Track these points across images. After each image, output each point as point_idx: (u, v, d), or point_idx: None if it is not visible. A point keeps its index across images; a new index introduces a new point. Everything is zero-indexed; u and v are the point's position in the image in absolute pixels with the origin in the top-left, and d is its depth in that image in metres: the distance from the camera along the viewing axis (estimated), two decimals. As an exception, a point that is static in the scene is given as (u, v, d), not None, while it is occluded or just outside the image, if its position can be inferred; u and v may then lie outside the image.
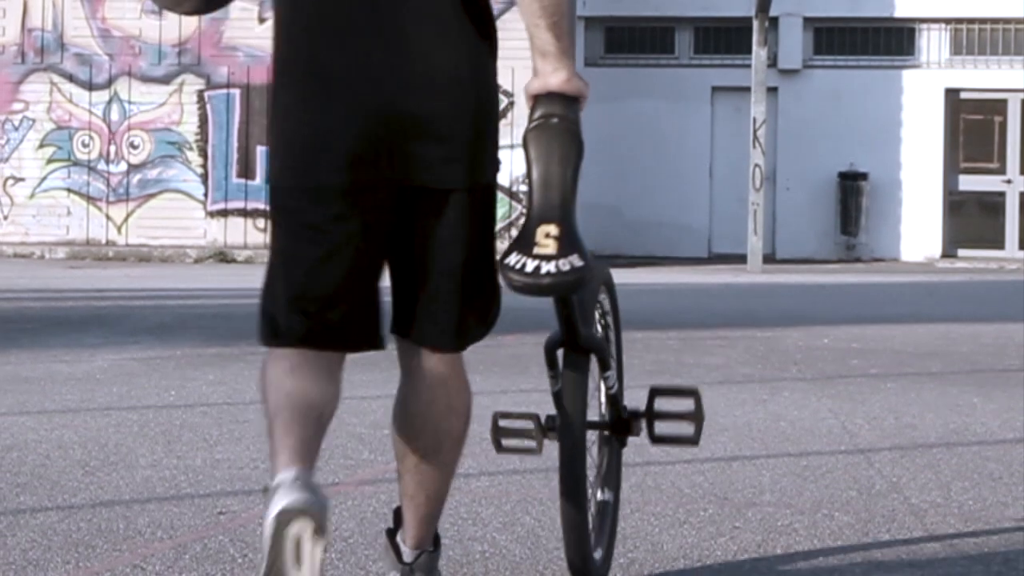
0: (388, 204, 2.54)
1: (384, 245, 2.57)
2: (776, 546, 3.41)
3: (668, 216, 19.83)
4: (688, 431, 3.08)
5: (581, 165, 2.57)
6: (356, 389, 6.02)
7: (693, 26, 20.28)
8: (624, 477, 3.54)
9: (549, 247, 2.51)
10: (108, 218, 18.31)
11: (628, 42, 20.21)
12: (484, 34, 2.55)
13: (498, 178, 2.66)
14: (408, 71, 2.50)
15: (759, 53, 17.33)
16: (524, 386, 6.05)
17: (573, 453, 2.82)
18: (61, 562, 3.19)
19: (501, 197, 17.64)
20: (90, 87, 18.32)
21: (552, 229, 2.52)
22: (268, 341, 2.54)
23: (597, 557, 2.93)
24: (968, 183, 20.39)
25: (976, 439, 5.03)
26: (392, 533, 2.76)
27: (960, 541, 3.48)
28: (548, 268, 2.51)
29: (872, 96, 20.18)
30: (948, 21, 20.31)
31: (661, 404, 3.09)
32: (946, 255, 20.00)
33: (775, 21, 19.31)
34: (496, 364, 6.80)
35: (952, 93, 20.35)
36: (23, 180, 18.46)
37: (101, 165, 18.36)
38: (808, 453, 4.68)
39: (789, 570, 3.23)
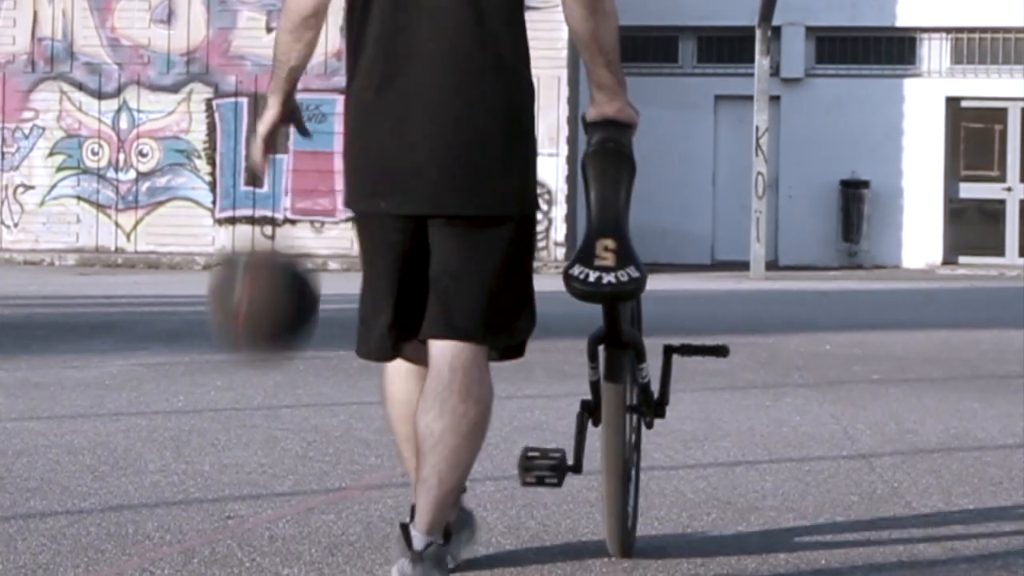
0: (423, 230, 2.86)
1: (421, 263, 2.88)
2: (779, 550, 3.43)
3: (671, 223, 19.86)
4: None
5: (633, 184, 2.90)
6: (363, 395, 6.04)
7: (696, 35, 20.23)
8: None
9: (608, 259, 2.88)
10: (117, 225, 18.32)
11: (632, 51, 20.23)
12: (522, 78, 2.86)
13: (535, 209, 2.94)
14: (452, 114, 2.81)
15: (762, 62, 17.36)
16: (529, 391, 6.09)
17: (616, 436, 3.14)
18: (71, 566, 3.20)
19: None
20: (99, 96, 18.32)
21: (610, 243, 2.89)
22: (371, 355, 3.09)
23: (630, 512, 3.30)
24: (969, 191, 20.38)
25: (976, 444, 5.05)
26: (406, 526, 2.88)
27: (960, 545, 3.50)
28: (609, 279, 2.88)
29: (873, 105, 20.16)
30: (949, 30, 20.29)
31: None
32: (947, 262, 19.98)
33: (777, 30, 19.26)
34: (502, 370, 6.75)
35: (953, 102, 20.33)
36: (33, 188, 18.46)
37: (110, 173, 18.36)
38: (810, 458, 4.70)
39: (792, 574, 3.26)
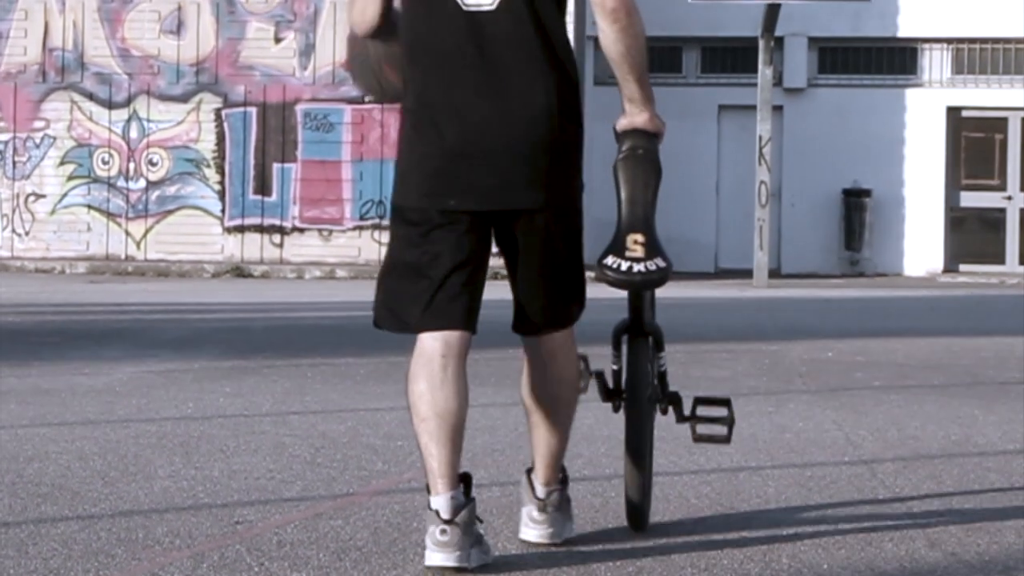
0: (480, 223, 3.22)
1: (479, 254, 3.25)
2: (781, 555, 3.45)
3: (675, 231, 19.84)
4: (722, 432, 3.71)
5: (659, 186, 3.34)
6: (370, 402, 6.10)
7: (700, 46, 20.23)
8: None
9: (638, 251, 3.26)
10: (127, 234, 18.36)
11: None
12: (568, 80, 3.21)
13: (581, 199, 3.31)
14: (501, 113, 3.15)
15: (765, 72, 17.37)
16: None
17: (640, 418, 3.51)
18: (81, 571, 3.22)
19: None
20: (110, 105, 18.36)
21: (639, 237, 3.27)
22: (405, 329, 3.33)
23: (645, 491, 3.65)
24: (969, 199, 20.40)
25: (977, 450, 5.08)
26: (529, 472, 3.49)
27: (961, 550, 3.51)
28: (639, 268, 3.26)
29: (875, 114, 20.18)
30: (950, 41, 20.33)
31: (701, 411, 3.72)
32: (948, 270, 20.00)
33: (780, 41, 19.29)
34: (508, 377, 6.65)
35: (954, 111, 20.36)
36: (44, 197, 18.52)
37: (120, 182, 18.41)
38: (813, 464, 4.73)
39: (794, 578, 3.30)
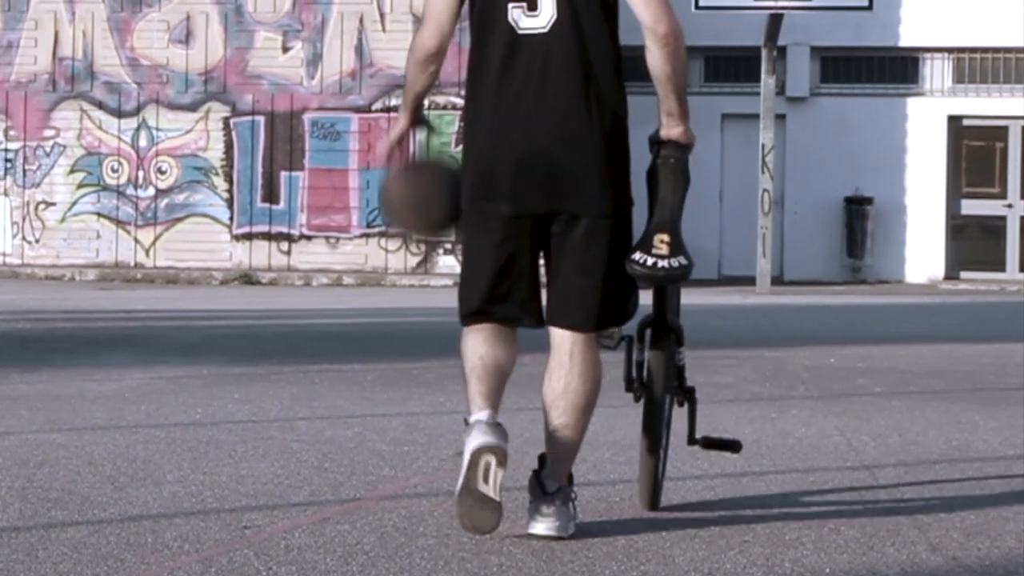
0: (538, 225, 3.58)
1: (536, 253, 3.61)
2: (784, 559, 3.46)
3: (679, 239, 19.94)
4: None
5: (687, 193, 3.72)
6: (377, 407, 6.14)
7: (704, 55, 20.22)
8: (636, 493, 4.05)
9: (663, 249, 3.62)
10: (136, 241, 18.40)
11: (642, 71, 20.28)
12: (615, 98, 3.60)
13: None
14: (557, 128, 3.54)
15: (767, 81, 17.43)
16: (540, 404, 6.23)
17: (658, 405, 3.86)
18: (91, 575, 3.22)
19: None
20: (119, 114, 18.42)
21: (665, 236, 3.63)
22: (464, 320, 3.64)
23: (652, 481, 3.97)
24: (970, 207, 20.45)
25: (978, 455, 5.10)
26: (537, 472, 3.67)
27: (962, 554, 3.53)
28: (663, 264, 3.62)
29: (877, 123, 20.21)
30: (951, 50, 20.36)
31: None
32: (949, 277, 20.02)
33: (783, 50, 19.34)
34: (514, 383, 6.79)
35: (954, 120, 20.40)
36: (54, 204, 18.56)
37: (130, 190, 18.45)
38: (815, 469, 4.75)
39: (797, 582, 3.33)
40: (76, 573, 3.25)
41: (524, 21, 3.55)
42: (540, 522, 3.61)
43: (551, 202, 3.56)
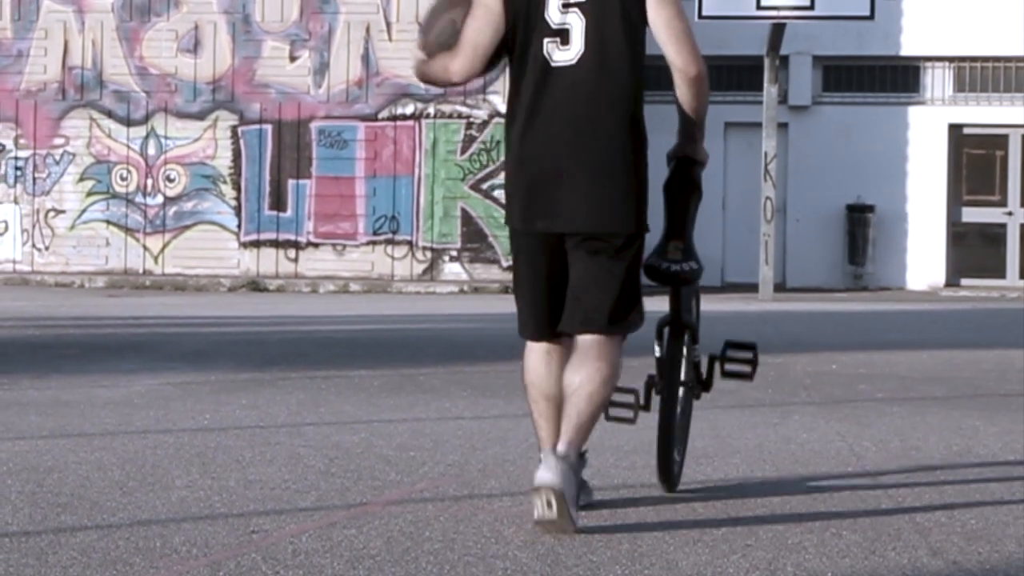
0: (560, 242, 3.89)
1: (564, 269, 3.92)
2: (787, 563, 3.47)
3: (682, 246, 19.95)
4: (746, 369, 4.41)
5: (699, 205, 4.17)
6: (383, 413, 6.14)
7: (707, 64, 20.32)
8: (640, 498, 4.19)
9: (676, 255, 4.11)
10: (145, 248, 18.42)
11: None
12: (639, 128, 3.91)
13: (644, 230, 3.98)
14: (586, 153, 3.84)
15: (770, 90, 17.38)
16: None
17: (674, 397, 4.21)
18: None
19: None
20: (128, 123, 18.43)
21: (679, 244, 4.12)
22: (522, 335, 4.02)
23: (677, 459, 4.29)
24: (970, 215, 20.43)
25: (978, 461, 5.12)
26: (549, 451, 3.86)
27: (963, 559, 3.54)
28: (676, 268, 4.11)
29: (879, 131, 20.19)
30: (951, 59, 20.37)
31: (730, 352, 4.44)
32: (949, 284, 20.01)
33: (785, 60, 19.32)
34: (518, 388, 6.53)
35: (955, 128, 20.39)
36: (64, 212, 18.56)
37: (139, 198, 18.46)
38: (817, 474, 4.76)
39: (799, 586, 3.36)
40: (85, 577, 3.28)
41: (557, 55, 3.86)
42: (544, 472, 3.69)
43: (579, 222, 3.85)
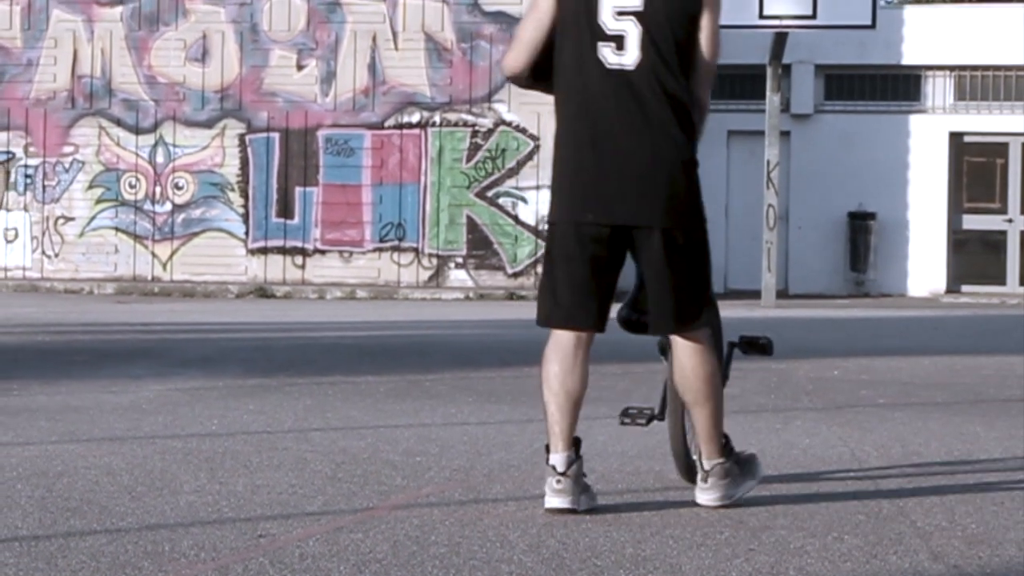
0: (611, 237, 4.05)
1: (610, 263, 4.08)
2: (789, 567, 3.47)
3: (685, 253, 19.98)
4: (765, 342, 4.68)
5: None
6: (389, 418, 6.16)
7: (709, 73, 20.64)
8: (644, 502, 4.24)
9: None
10: (154, 255, 18.47)
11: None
12: (688, 127, 4.09)
13: (704, 222, 4.22)
14: (633, 149, 4.03)
15: (772, 99, 17.45)
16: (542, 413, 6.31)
17: (676, 403, 4.35)
18: None
19: (528, 235, 18.00)
20: (137, 131, 18.49)
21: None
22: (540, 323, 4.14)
23: (695, 458, 4.36)
24: (971, 222, 20.52)
25: (979, 466, 5.13)
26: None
27: (964, 563, 3.54)
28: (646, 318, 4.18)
29: (880, 140, 20.29)
30: (952, 68, 20.47)
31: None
32: (950, 291, 20.09)
33: (788, 68, 19.41)
34: (524, 394, 6.86)
35: (956, 137, 20.49)
36: (73, 219, 18.63)
37: (147, 205, 18.52)
38: (819, 479, 4.78)
39: (801, 590, 3.37)
40: (93, 581, 3.28)
41: (612, 58, 4.06)
42: (701, 494, 4.16)
43: (631, 215, 4.03)
